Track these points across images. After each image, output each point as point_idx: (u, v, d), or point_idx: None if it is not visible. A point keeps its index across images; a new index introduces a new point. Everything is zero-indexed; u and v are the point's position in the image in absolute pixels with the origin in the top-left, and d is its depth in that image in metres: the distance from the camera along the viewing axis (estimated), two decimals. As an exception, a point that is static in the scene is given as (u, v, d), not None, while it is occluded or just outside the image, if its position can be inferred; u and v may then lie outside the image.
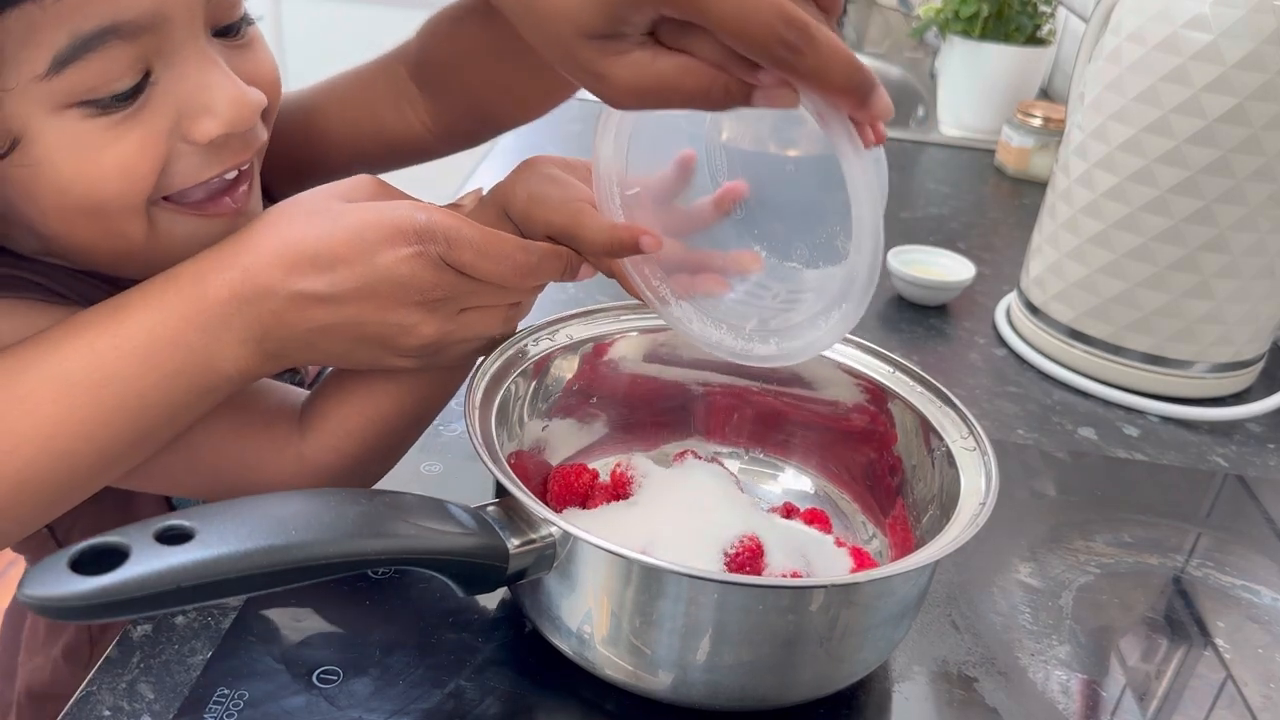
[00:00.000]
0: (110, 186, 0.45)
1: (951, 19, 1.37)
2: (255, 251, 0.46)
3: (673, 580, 0.42)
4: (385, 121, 0.66)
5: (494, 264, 0.47)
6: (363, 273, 0.45)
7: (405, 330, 0.47)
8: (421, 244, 0.46)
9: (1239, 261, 0.74)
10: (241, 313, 0.45)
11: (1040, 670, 0.52)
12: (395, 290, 0.46)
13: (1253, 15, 0.68)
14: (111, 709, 0.45)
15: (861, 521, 0.57)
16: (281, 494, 0.41)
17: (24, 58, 0.41)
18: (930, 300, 0.91)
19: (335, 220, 0.46)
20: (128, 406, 0.45)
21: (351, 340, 0.47)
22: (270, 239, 0.46)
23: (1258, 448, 0.75)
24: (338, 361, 0.49)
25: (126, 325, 0.45)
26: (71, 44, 0.41)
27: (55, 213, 0.46)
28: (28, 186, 0.45)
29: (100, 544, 0.36)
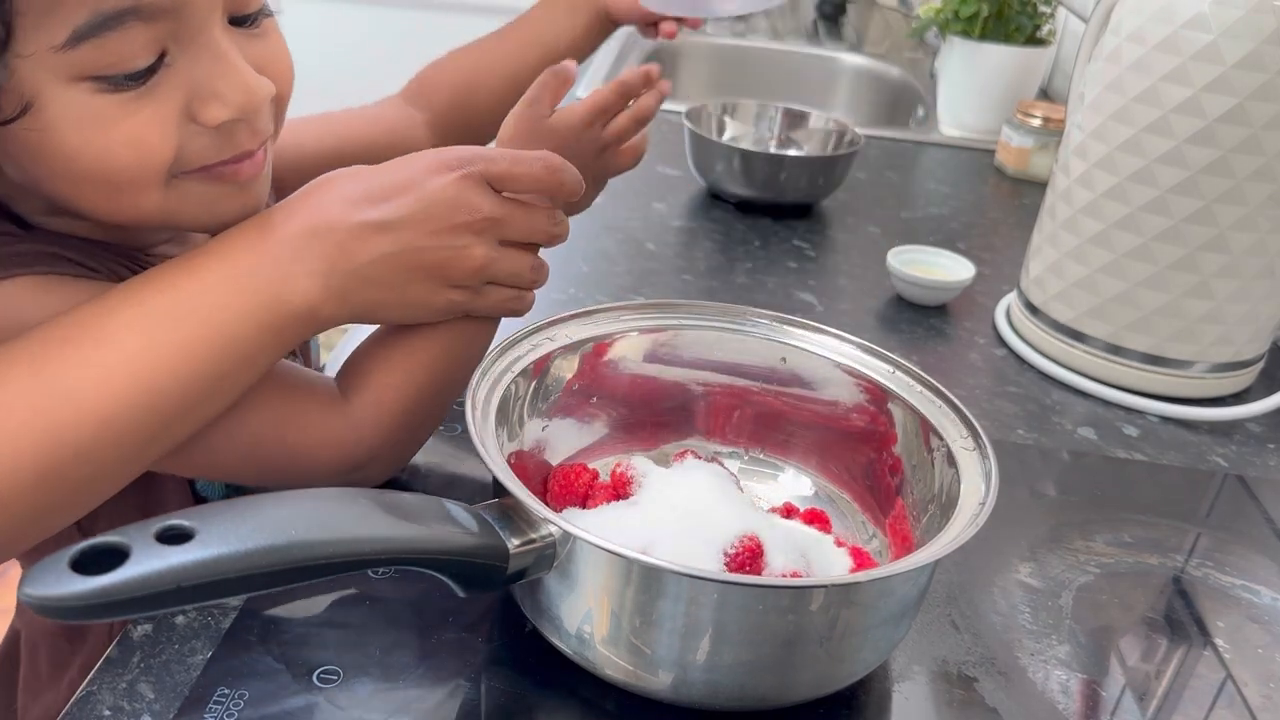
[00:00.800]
0: (120, 159, 0.47)
1: (951, 19, 1.37)
2: (318, 195, 0.51)
3: (673, 580, 0.42)
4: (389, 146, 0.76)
5: (526, 167, 0.52)
6: (416, 198, 0.50)
7: (457, 254, 0.51)
8: (463, 167, 0.51)
9: (1239, 261, 0.74)
10: (309, 246, 0.49)
11: (1040, 670, 0.52)
12: (446, 211, 0.51)
13: (1253, 15, 0.68)
14: (112, 709, 0.45)
15: (861, 521, 0.57)
16: (281, 494, 0.41)
17: (44, 26, 0.43)
18: (930, 300, 0.91)
19: (384, 167, 0.52)
20: (208, 340, 0.47)
21: (409, 269, 0.51)
22: (329, 187, 0.51)
23: (1258, 448, 0.75)
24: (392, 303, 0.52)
25: (203, 264, 0.48)
26: (91, 21, 0.43)
27: (63, 177, 0.47)
28: (37, 150, 0.46)
29: (100, 544, 0.36)
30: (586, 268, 0.92)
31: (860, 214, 1.11)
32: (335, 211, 0.50)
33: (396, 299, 0.51)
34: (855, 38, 1.92)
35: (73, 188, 0.48)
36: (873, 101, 1.71)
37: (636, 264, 0.94)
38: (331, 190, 0.51)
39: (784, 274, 0.95)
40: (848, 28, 1.99)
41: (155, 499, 0.58)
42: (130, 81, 0.45)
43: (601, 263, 0.93)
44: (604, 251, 0.96)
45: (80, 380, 0.45)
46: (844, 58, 1.74)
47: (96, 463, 0.45)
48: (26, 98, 0.44)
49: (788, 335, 0.60)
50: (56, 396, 0.44)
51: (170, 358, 0.46)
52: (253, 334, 0.48)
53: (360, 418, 0.54)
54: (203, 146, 0.49)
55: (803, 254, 1.00)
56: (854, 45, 1.85)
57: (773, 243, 1.01)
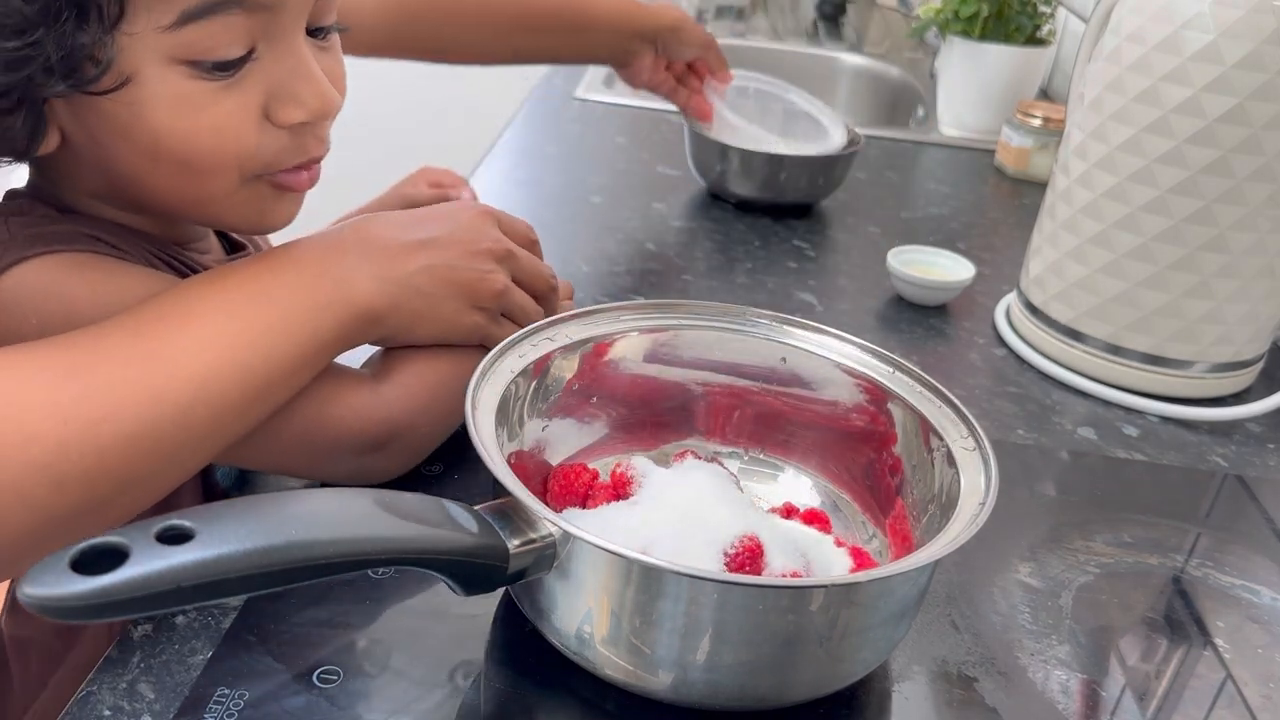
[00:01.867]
0: (203, 144, 0.50)
1: (951, 19, 1.37)
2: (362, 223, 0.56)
3: (673, 580, 0.42)
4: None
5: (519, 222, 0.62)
6: (448, 223, 0.57)
7: (482, 276, 0.57)
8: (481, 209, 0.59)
9: (1239, 261, 0.74)
10: (368, 255, 0.54)
11: (1040, 670, 0.52)
12: (473, 236, 0.57)
13: (1253, 15, 0.68)
14: (112, 709, 0.45)
15: (861, 521, 0.57)
16: (281, 494, 0.41)
17: (155, 8, 0.45)
18: (930, 300, 0.91)
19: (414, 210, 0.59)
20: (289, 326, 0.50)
21: (445, 283, 0.56)
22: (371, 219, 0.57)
23: (1257, 448, 0.75)
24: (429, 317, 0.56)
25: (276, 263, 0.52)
26: (199, 5, 0.46)
27: (144, 154, 0.50)
28: (125, 125, 0.49)
29: (100, 544, 0.36)
30: (586, 268, 0.92)
31: (860, 214, 1.11)
32: (382, 232, 0.55)
33: (433, 313, 0.56)
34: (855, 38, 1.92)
35: (150, 165, 0.50)
36: (872, 101, 1.71)
37: (636, 264, 0.94)
38: (374, 220, 0.57)
39: (784, 274, 0.95)
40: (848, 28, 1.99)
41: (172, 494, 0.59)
42: (219, 71, 0.48)
43: (601, 263, 0.93)
44: (604, 251, 0.96)
45: (177, 348, 0.47)
46: (844, 58, 1.74)
47: (189, 429, 0.47)
48: (127, 73, 0.47)
49: (788, 335, 0.60)
50: (156, 359, 0.47)
51: (258, 337, 0.49)
52: (327, 325, 0.51)
53: (389, 396, 0.56)
54: (277, 148, 0.52)
55: (803, 254, 1.00)
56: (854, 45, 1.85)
57: (773, 243, 1.01)
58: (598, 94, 1.41)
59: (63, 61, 0.45)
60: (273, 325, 0.50)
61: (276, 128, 0.51)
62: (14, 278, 0.50)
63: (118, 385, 0.46)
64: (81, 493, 0.44)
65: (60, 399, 0.44)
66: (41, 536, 0.44)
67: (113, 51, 0.46)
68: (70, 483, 0.44)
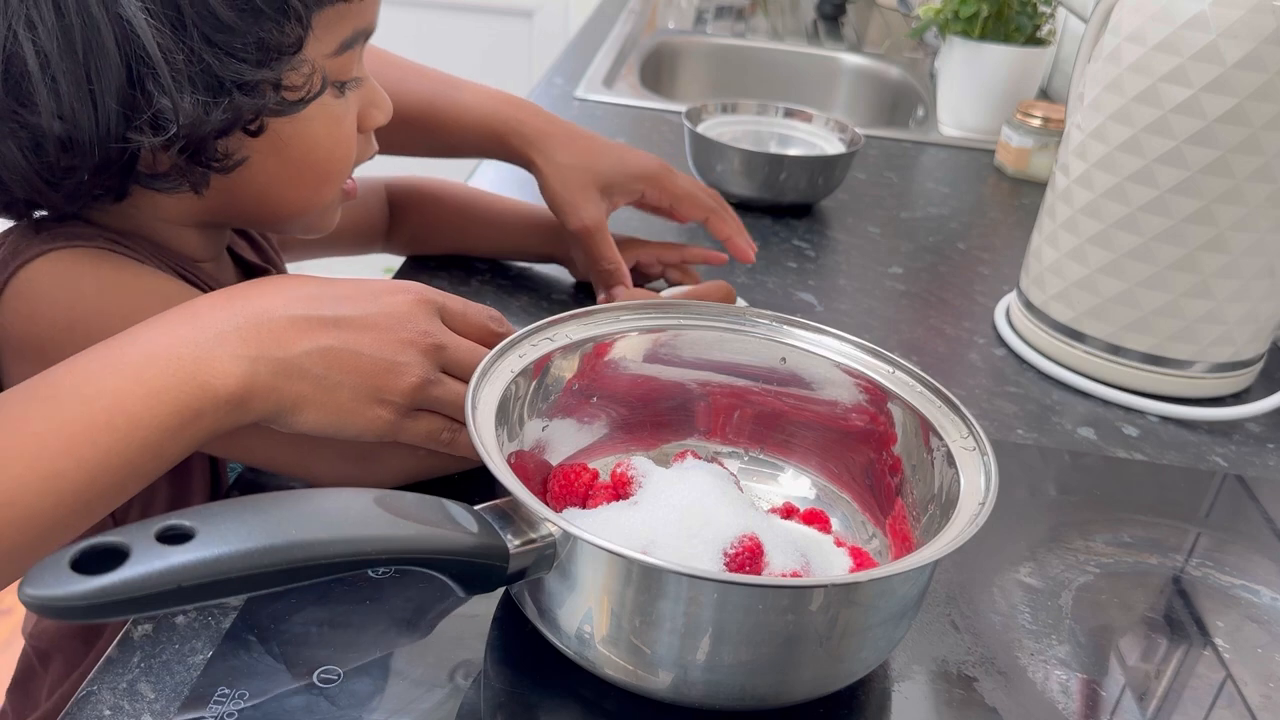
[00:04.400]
0: (342, 152, 0.58)
1: (951, 19, 1.37)
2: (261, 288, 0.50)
3: (673, 580, 0.42)
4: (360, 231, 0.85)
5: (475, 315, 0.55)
6: (367, 304, 0.50)
7: (396, 369, 0.50)
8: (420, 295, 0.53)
9: (1239, 261, 0.74)
10: (239, 330, 0.47)
11: (1040, 670, 0.52)
12: (395, 323, 0.50)
13: (1253, 15, 0.68)
14: (112, 708, 0.45)
15: (861, 521, 0.57)
16: (281, 494, 0.41)
17: (324, 39, 0.54)
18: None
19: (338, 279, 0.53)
20: (115, 425, 0.44)
21: (343, 370, 0.49)
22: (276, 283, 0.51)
23: (1257, 447, 0.75)
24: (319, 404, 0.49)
25: (121, 346, 0.46)
26: (351, 37, 0.55)
27: (293, 164, 0.56)
28: (285, 140, 0.55)
29: (100, 543, 0.36)
30: (586, 268, 0.92)
31: (860, 214, 1.11)
32: (277, 303, 0.48)
33: (325, 398, 0.49)
34: (855, 38, 1.92)
35: (296, 175, 0.57)
36: (872, 101, 1.71)
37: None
38: (279, 285, 0.50)
39: (784, 274, 0.95)
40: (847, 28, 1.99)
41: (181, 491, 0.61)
42: (342, 89, 0.57)
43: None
44: (604, 251, 0.96)
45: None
46: (844, 58, 1.74)
47: (3, 545, 0.42)
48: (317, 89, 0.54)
49: (788, 335, 0.60)
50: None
51: (75, 440, 0.43)
52: (165, 418, 0.45)
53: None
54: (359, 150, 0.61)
55: (803, 254, 1.00)
56: (854, 45, 1.85)
57: (773, 243, 1.01)
58: (598, 94, 1.41)
59: (283, 84, 0.52)
60: (95, 423, 0.44)
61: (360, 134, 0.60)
62: (33, 269, 0.52)
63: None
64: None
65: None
66: None
67: (310, 73, 0.53)
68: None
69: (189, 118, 0.49)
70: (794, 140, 1.16)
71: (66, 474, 0.43)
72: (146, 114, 0.48)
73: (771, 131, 1.15)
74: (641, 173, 0.81)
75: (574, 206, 0.78)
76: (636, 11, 1.90)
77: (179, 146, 0.50)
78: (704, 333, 0.60)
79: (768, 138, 1.16)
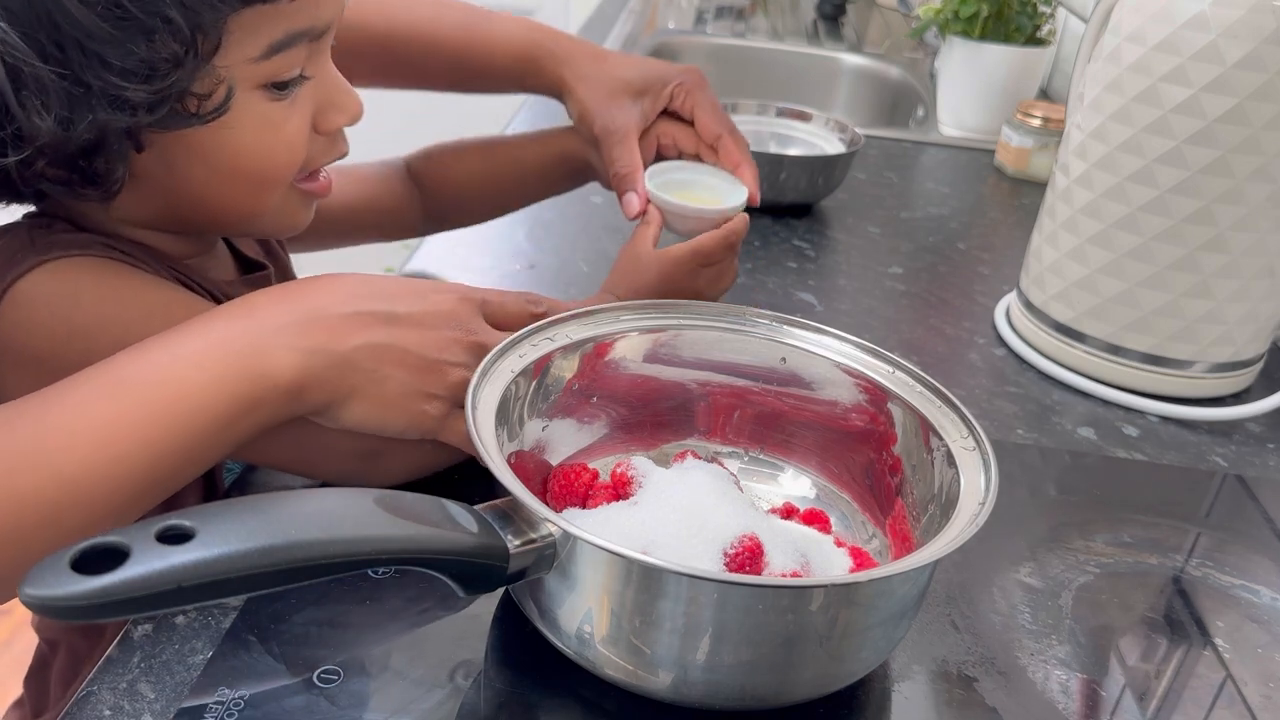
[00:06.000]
0: (279, 159, 0.54)
1: (951, 19, 1.37)
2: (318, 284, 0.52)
3: (673, 580, 0.42)
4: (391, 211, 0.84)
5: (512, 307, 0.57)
6: (418, 302, 0.52)
7: (440, 367, 0.52)
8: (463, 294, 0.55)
9: (1239, 261, 0.74)
10: (296, 324, 0.49)
11: (1040, 670, 0.52)
12: (443, 321, 0.53)
13: (1253, 15, 0.68)
14: (112, 708, 0.45)
15: (861, 521, 0.57)
16: (281, 494, 0.41)
17: (247, 42, 0.50)
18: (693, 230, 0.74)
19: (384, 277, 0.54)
20: (178, 410, 0.46)
21: (394, 364, 0.51)
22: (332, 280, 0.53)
23: (1257, 447, 0.75)
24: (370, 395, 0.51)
25: (180, 336, 0.48)
26: (284, 38, 0.51)
27: (223, 173, 0.53)
28: (207, 148, 0.52)
29: (100, 543, 0.36)
30: (586, 268, 0.92)
31: (860, 214, 1.11)
32: (333, 299, 0.51)
33: (375, 391, 0.51)
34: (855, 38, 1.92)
35: (228, 183, 0.54)
36: (873, 101, 1.71)
37: (636, 264, 0.94)
38: (335, 282, 0.52)
39: (784, 274, 0.95)
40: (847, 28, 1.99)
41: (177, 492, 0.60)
42: (283, 90, 0.53)
43: (602, 263, 0.93)
44: (604, 252, 0.96)
45: (47, 443, 0.44)
46: (844, 58, 1.74)
47: (61, 527, 0.44)
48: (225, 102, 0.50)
49: (788, 335, 0.60)
50: (24, 458, 0.44)
51: (139, 425, 0.45)
52: (225, 406, 0.47)
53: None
54: (317, 151, 0.57)
55: (803, 254, 1.00)
56: (854, 45, 1.85)
57: (773, 243, 1.01)
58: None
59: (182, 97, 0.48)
60: (159, 409, 0.46)
61: (319, 135, 0.57)
62: (30, 281, 0.51)
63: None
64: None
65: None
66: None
67: (217, 82, 0.49)
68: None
69: (50, 136, 0.46)
70: (794, 140, 1.16)
71: (131, 457, 0.45)
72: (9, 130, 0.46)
73: (771, 131, 1.15)
74: (671, 73, 0.79)
75: (602, 111, 0.77)
76: (637, 11, 1.90)
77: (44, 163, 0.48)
78: (704, 333, 0.60)
79: (767, 138, 1.15)
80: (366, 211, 0.82)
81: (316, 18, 0.52)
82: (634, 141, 0.77)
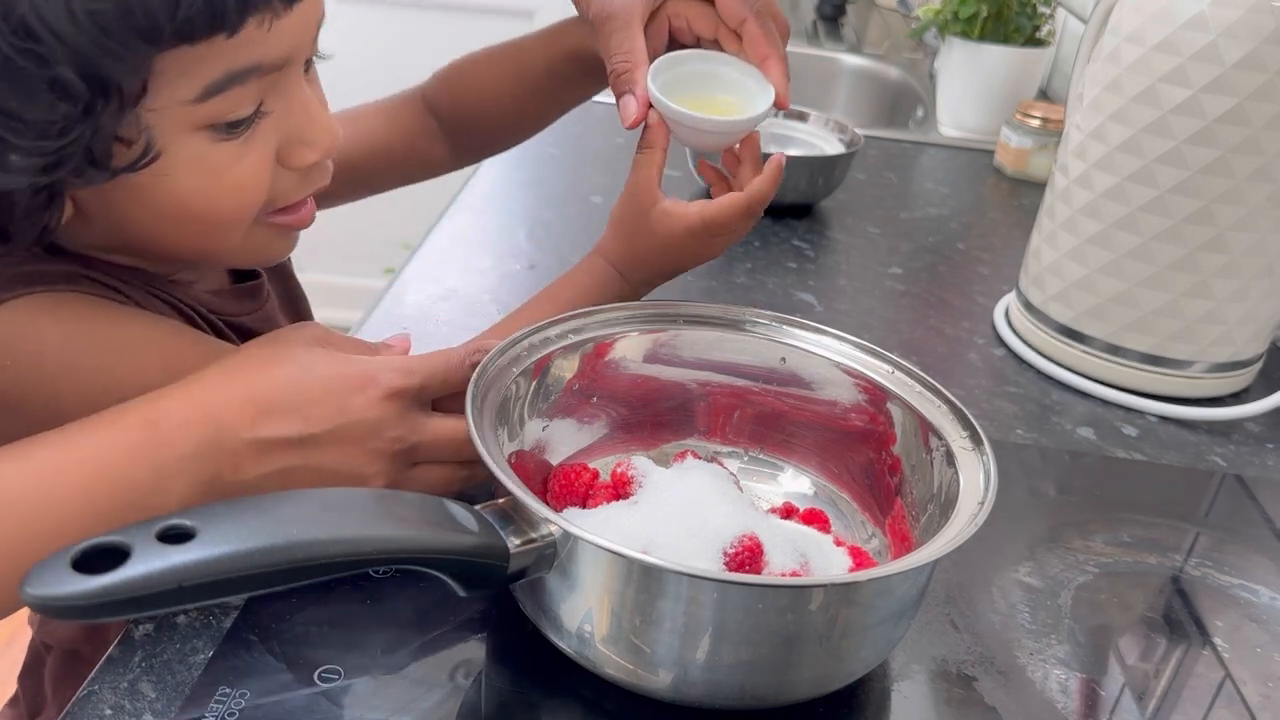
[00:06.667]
0: (227, 203, 0.50)
1: (950, 20, 1.37)
2: (222, 395, 0.48)
3: (673, 579, 0.42)
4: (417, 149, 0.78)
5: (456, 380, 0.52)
6: (336, 417, 0.49)
7: (358, 479, 0.50)
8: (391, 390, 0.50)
9: (1238, 261, 0.74)
10: (199, 455, 0.46)
11: (1039, 669, 0.52)
12: (364, 434, 0.49)
13: (1252, 15, 0.68)
14: (113, 708, 0.45)
15: (861, 521, 0.57)
16: (282, 494, 0.41)
17: (179, 84, 0.46)
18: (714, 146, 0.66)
19: (305, 368, 0.49)
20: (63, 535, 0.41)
21: (302, 484, 0.48)
22: (237, 384, 0.48)
23: (1256, 447, 0.75)
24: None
25: (74, 453, 0.45)
26: (224, 78, 0.46)
27: (167, 218, 0.50)
28: (146, 192, 0.48)
29: (101, 543, 0.36)
30: (586, 268, 0.92)
31: (860, 214, 1.11)
32: (237, 418, 0.47)
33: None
34: (855, 38, 1.92)
35: (174, 228, 0.51)
36: (872, 102, 1.71)
37: (636, 264, 0.94)
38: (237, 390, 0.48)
39: (784, 274, 0.95)
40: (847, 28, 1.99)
41: None
42: (234, 129, 0.49)
43: (601, 263, 0.93)
44: (604, 252, 0.96)
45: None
46: (843, 58, 1.74)
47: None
48: (154, 146, 0.46)
49: (788, 335, 0.60)
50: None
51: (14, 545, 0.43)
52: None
53: None
54: (287, 188, 0.53)
55: (802, 254, 1.00)
56: (853, 46, 1.85)
57: (773, 243, 1.01)
58: (599, 94, 1.41)
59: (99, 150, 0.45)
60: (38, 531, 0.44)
61: (288, 170, 0.53)
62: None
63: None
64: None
65: None
66: None
67: (142, 129, 0.46)
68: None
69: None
70: (793, 140, 1.16)
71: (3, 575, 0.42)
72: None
73: (771, 131, 1.15)
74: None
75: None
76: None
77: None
78: (704, 333, 0.60)
79: (767, 138, 1.16)
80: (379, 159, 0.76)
81: (265, 54, 0.47)
82: (637, 28, 0.62)
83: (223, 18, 0.44)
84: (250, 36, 0.46)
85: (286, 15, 0.47)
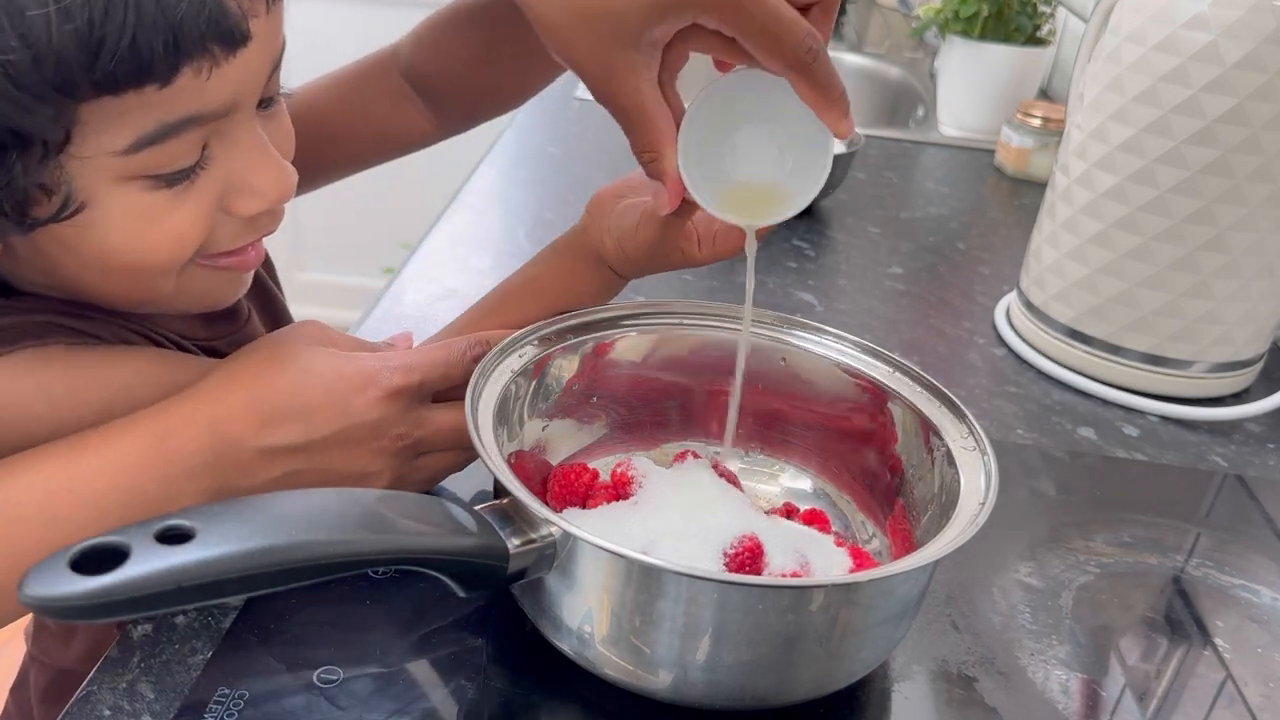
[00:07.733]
0: (160, 254, 0.47)
1: (951, 19, 1.37)
2: (225, 405, 0.48)
3: (673, 580, 0.42)
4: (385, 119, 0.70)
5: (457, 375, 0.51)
6: (338, 420, 0.49)
7: (365, 478, 0.50)
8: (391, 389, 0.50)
9: (1239, 261, 0.74)
10: (207, 466, 0.47)
11: (1040, 670, 0.52)
12: (366, 435, 0.49)
13: (1252, 15, 0.68)
14: (112, 709, 0.45)
15: (861, 521, 0.57)
16: (281, 494, 0.41)
17: (107, 133, 0.43)
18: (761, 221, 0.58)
19: (305, 371, 0.49)
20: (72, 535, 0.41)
21: (308, 485, 0.49)
22: (239, 393, 0.48)
23: (1257, 447, 0.75)
24: None
25: (83, 468, 0.46)
26: (157, 130, 0.43)
27: (95, 268, 0.47)
28: (73, 243, 0.46)
29: (100, 544, 0.36)
30: (586, 268, 0.92)
31: (860, 214, 1.11)
32: (242, 431, 0.47)
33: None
34: (855, 38, 1.92)
35: (101, 278, 0.48)
36: (873, 101, 1.71)
37: (636, 264, 0.94)
38: (240, 398, 0.48)
39: (784, 274, 0.95)
40: (848, 28, 1.99)
41: None
42: (175, 178, 0.46)
43: (601, 263, 0.93)
44: (604, 251, 0.96)
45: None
46: (844, 58, 1.74)
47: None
48: (79, 197, 0.44)
49: (788, 335, 0.60)
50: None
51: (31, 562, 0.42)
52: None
53: None
54: (229, 234, 0.50)
55: (803, 254, 1.00)
56: (854, 45, 1.85)
57: (773, 243, 1.01)
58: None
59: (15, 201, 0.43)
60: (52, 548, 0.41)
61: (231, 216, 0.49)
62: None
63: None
64: None
65: None
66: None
67: (64, 179, 0.43)
68: None
69: None
70: None
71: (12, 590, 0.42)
72: None
73: None
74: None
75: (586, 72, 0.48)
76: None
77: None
78: (704, 333, 0.60)
79: None
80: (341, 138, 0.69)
81: (204, 104, 0.44)
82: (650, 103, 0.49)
83: (149, 69, 0.41)
84: (186, 86, 0.42)
85: (228, 63, 0.44)
